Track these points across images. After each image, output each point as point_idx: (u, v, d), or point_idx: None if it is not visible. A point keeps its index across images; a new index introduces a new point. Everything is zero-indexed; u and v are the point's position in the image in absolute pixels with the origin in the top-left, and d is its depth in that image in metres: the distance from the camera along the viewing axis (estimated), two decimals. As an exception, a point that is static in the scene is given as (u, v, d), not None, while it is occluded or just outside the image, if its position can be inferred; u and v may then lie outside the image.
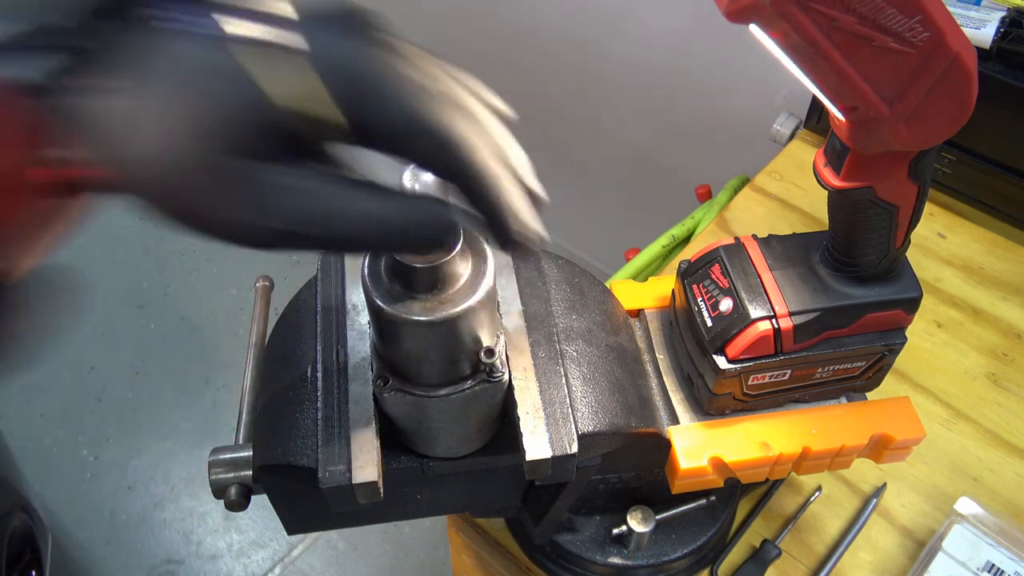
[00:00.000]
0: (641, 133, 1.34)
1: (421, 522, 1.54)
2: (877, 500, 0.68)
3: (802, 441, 0.54)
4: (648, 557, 0.61)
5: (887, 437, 0.54)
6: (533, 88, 1.45)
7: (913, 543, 0.67)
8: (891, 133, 0.40)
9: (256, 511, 1.56)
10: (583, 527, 0.62)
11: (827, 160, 0.47)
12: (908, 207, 0.47)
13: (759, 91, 1.10)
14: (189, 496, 1.61)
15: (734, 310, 0.51)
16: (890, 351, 0.53)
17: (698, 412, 0.55)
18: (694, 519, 0.63)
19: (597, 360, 0.51)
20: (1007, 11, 0.78)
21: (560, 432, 0.45)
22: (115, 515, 1.58)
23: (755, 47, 0.42)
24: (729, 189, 1.05)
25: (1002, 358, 0.78)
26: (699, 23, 1.12)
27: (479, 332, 0.42)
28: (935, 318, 0.81)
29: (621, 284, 0.61)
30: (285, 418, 0.47)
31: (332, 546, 1.55)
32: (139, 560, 1.53)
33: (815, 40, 0.35)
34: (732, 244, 0.54)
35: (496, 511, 0.61)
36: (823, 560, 0.65)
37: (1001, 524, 0.63)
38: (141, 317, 1.85)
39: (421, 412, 0.44)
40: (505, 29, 1.41)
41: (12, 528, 1.15)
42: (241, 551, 1.54)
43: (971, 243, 0.87)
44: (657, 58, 1.21)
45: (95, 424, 1.69)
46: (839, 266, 0.51)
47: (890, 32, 0.35)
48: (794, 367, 0.52)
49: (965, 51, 0.37)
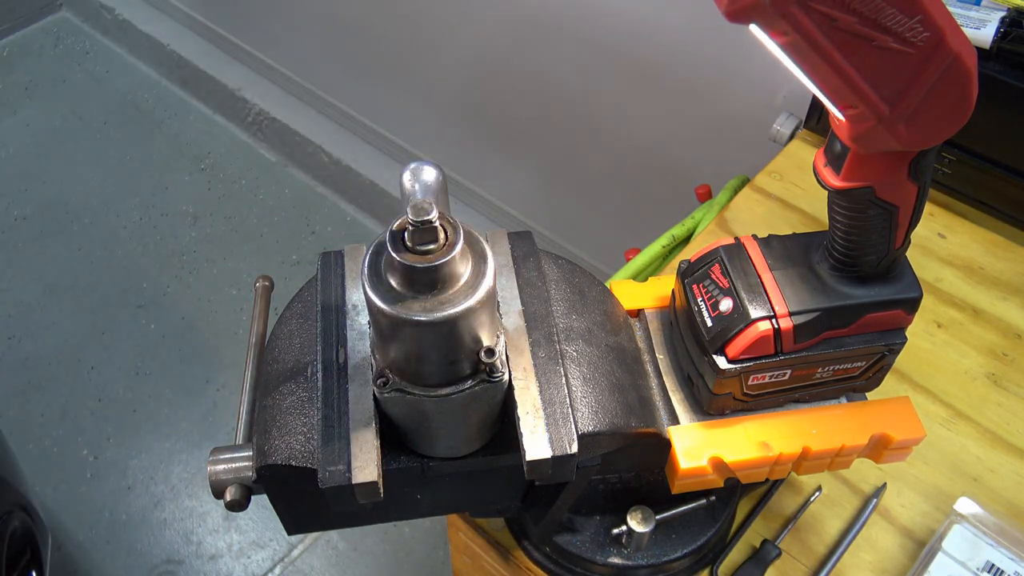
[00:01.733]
0: (641, 133, 1.34)
1: (421, 522, 1.53)
2: (877, 500, 0.68)
3: (802, 441, 0.54)
4: (648, 557, 0.61)
5: (887, 437, 0.54)
6: (533, 87, 1.45)
7: (913, 543, 0.67)
8: (891, 133, 0.40)
9: (256, 511, 1.56)
10: (583, 527, 0.62)
11: (827, 160, 0.47)
12: (908, 207, 0.47)
13: (759, 91, 1.10)
14: (189, 496, 1.60)
15: (734, 310, 0.51)
16: (890, 351, 0.53)
17: (698, 412, 0.55)
18: (694, 519, 0.63)
19: (597, 360, 0.51)
20: (1007, 11, 0.78)
21: (560, 432, 0.45)
22: (115, 515, 1.58)
23: (755, 47, 0.43)
24: (729, 189, 1.05)
25: (1002, 358, 0.78)
26: (699, 23, 1.12)
27: (479, 332, 0.42)
28: (935, 318, 0.81)
29: (621, 284, 0.61)
30: (285, 418, 0.47)
31: (332, 546, 1.55)
32: (139, 560, 1.53)
33: (815, 40, 0.35)
34: (732, 244, 0.54)
35: (496, 511, 0.61)
36: (823, 560, 0.65)
37: (1001, 524, 0.63)
38: (141, 317, 1.85)
39: (421, 412, 0.44)
40: (505, 29, 1.41)
41: (12, 528, 1.15)
42: (241, 551, 1.54)
43: (971, 243, 0.87)
44: (657, 58, 1.21)
45: (95, 424, 1.69)
46: (839, 266, 0.51)
47: (890, 32, 0.35)
48: (794, 367, 0.52)
49: (965, 51, 0.37)
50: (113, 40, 2.50)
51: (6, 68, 2.42)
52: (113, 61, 2.46)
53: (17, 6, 2.52)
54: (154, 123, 2.28)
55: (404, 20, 1.61)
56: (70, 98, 2.33)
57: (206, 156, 2.19)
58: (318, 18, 1.84)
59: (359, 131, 2.03)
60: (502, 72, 1.49)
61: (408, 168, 0.49)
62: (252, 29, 2.14)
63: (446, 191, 0.50)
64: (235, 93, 2.18)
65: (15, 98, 2.33)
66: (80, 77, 2.40)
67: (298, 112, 2.11)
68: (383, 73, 1.80)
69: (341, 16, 1.77)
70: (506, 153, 1.66)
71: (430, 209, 0.39)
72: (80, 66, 2.43)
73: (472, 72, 1.56)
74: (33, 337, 1.80)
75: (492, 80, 1.53)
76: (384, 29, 1.68)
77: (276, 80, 2.17)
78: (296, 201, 2.09)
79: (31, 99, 2.33)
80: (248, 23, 2.13)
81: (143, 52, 2.42)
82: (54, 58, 2.46)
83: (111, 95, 2.35)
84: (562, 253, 0.56)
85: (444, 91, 1.67)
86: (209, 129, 2.26)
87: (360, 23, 1.73)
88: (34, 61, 2.45)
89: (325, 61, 1.95)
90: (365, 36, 1.75)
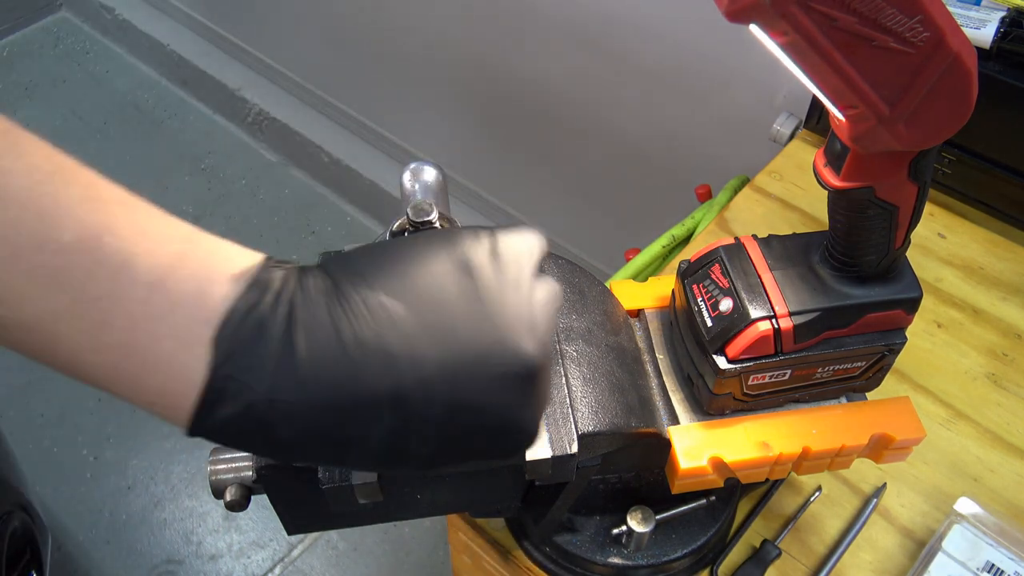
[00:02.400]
0: (641, 133, 1.34)
1: (421, 522, 1.53)
2: (877, 500, 0.68)
3: (802, 441, 0.54)
4: (648, 557, 0.61)
5: (887, 437, 0.54)
6: (532, 87, 1.45)
7: (913, 543, 0.67)
8: (891, 133, 0.40)
9: (256, 511, 1.56)
10: (583, 527, 0.62)
11: (827, 160, 0.47)
12: (908, 207, 0.47)
13: (759, 91, 1.10)
14: (189, 496, 1.60)
15: (734, 310, 0.51)
16: (890, 351, 0.53)
17: (698, 412, 0.55)
18: (694, 519, 0.63)
19: (597, 360, 0.51)
20: (1007, 11, 0.78)
21: (560, 432, 0.45)
22: (115, 515, 1.58)
23: (755, 47, 0.43)
24: (729, 189, 1.05)
25: (1002, 358, 0.78)
26: (699, 23, 1.12)
27: (479, 332, 0.42)
28: (935, 318, 0.81)
29: (621, 284, 0.61)
30: (285, 418, 0.47)
31: (332, 546, 1.55)
32: (139, 560, 1.53)
33: (815, 40, 0.35)
34: (732, 244, 0.54)
35: (496, 511, 0.61)
36: (823, 560, 0.65)
37: (1001, 524, 0.63)
38: (141, 317, 1.85)
39: (421, 412, 0.44)
40: (505, 29, 1.41)
41: (12, 528, 1.15)
42: (241, 551, 1.54)
43: (971, 243, 0.87)
44: (657, 57, 1.21)
45: (95, 424, 1.69)
46: (839, 266, 0.51)
47: (890, 32, 0.35)
48: (794, 367, 0.52)
49: (965, 51, 0.37)
50: (113, 40, 2.50)
51: (6, 68, 2.42)
52: (113, 61, 2.46)
53: (17, 6, 2.52)
54: (154, 123, 2.28)
55: (404, 20, 1.61)
56: (70, 98, 2.33)
57: (206, 156, 2.19)
58: (318, 18, 1.84)
59: (359, 131, 2.03)
60: (502, 73, 1.49)
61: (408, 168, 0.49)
62: (252, 29, 2.14)
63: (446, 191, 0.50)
64: (235, 93, 2.18)
65: (15, 98, 2.33)
66: (80, 77, 2.40)
67: (298, 112, 2.11)
68: (383, 73, 1.80)
69: (341, 16, 1.77)
70: (506, 153, 1.66)
71: (430, 209, 0.39)
72: (80, 66, 2.43)
73: (472, 73, 1.56)
74: (33, 337, 1.80)
75: (492, 81, 1.53)
76: (384, 29, 1.68)
77: (276, 80, 2.17)
78: (296, 201, 2.09)
79: (31, 99, 2.33)
80: (248, 23, 2.13)
81: (143, 52, 2.42)
82: (54, 58, 2.46)
83: (111, 95, 2.35)
84: (562, 253, 0.56)
85: (444, 91, 1.67)
86: (209, 129, 2.26)
87: (360, 23, 1.73)
88: (34, 61, 2.45)
89: (325, 61, 1.95)
90: (365, 36, 1.75)
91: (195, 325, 0.30)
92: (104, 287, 0.29)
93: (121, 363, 0.30)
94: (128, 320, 0.29)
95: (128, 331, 0.29)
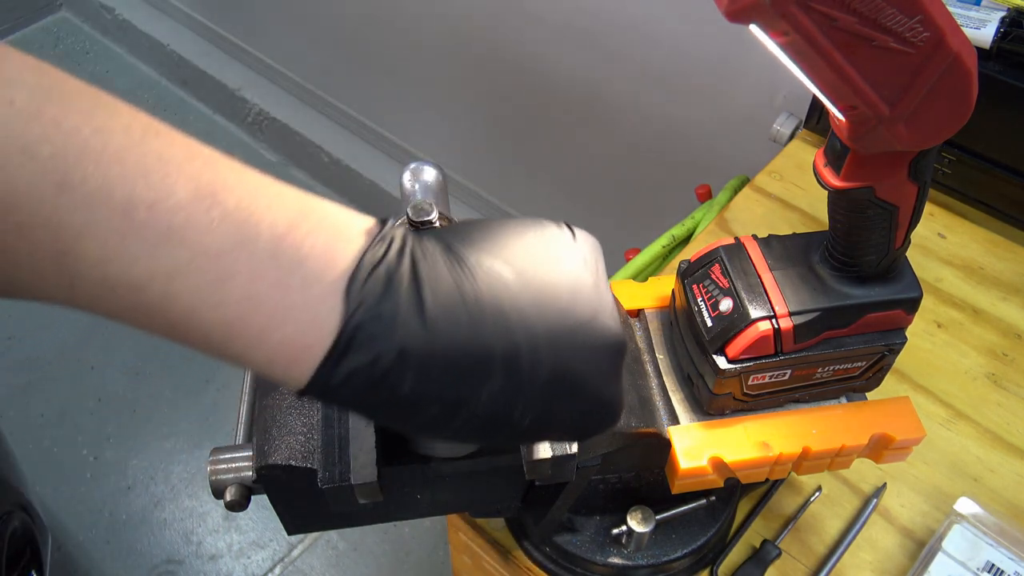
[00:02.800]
0: (641, 133, 1.34)
1: (421, 522, 1.53)
2: (877, 500, 0.68)
3: (802, 441, 0.54)
4: (648, 557, 0.61)
5: (887, 437, 0.54)
6: (532, 87, 1.45)
7: (913, 543, 0.67)
8: (891, 133, 0.40)
9: (256, 511, 1.56)
10: (583, 527, 0.62)
11: (827, 160, 0.47)
12: (908, 207, 0.47)
13: (759, 91, 1.10)
14: (189, 496, 1.60)
15: (734, 310, 0.51)
16: (890, 351, 0.53)
17: (698, 412, 0.55)
18: (694, 519, 0.63)
19: (597, 360, 0.51)
20: (1007, 11, 0.78)
21: (560, 432, 0.45)
22: (115, 515, 1.58)
23: (755, 47, 0.43)
24: (729, 189, 1.05)
25: (1002, 358, 0.78)
26: (699, 23, 1.12)
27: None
28: (935, 318, 0.81)
29: (621, 284, 0.61)
30: (285, 418, 0.47)
31: (332, 546, 1.55)
32: (139, 560, 1.53)
33: (815, 40, 0.35)
34: (732, 244, 0.54)
35: (496, 511, 0.61)
36: (823, 560, 0.65)
37: (1001, 524, 0.63)
38: (141, 317, 1.85)
39: (421, 412, 0.44)
40: (505, 29, 1.41)
41: (12, 528, 1.15)
42: (241, 551, 1.54)
43: (971, 243, 0.87)
44: (657, 58, 1.21)
45: (95, 424, 1.69)
46: (839, 266, 0.51)
47: (890, 32, 0.35)
48: (794, 367, 0.52)
49: (965, 51, 0.37)
50: (113, 40, 2.50)
51: (6, 68, 2.42)
52: (113, 61, 2.46)
53: (17, 6, 2.52)
54: (154, 123, 2.27)
55: (404, 20, 1.61)
56: (70, 98, 2.33)
57: (206, 156, 2.19)
58: (318, 18, 1.84)
59: (359, 131, 2.03)
60: (502, 73, 1.49)
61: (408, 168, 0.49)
62: (252, 29, 2.14)
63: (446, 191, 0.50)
64: (235, 93, 2.18)
65: (15, 98, 2.32)
66: (80, 77, 2.39)
67: (298, 112, 2.11)
68: (383, 73, 1.80)
69: (341, 16, 1.77)
70: (506, 153, 1.66)
71: (430, 209, 0.39)
72: (80, 66, 2.43)
73: (472, 73, 1.56)
74: (33, 337, 1.80)
75: (492, 81, 1.53)
76: (384, 29, 1.68)
77: (276, 80, 2.17)
78: (296, 201, 2.08)
79: (31, 99, 2.33)
80: (248, 23, 2.13)
81: (143, 52, 2.42)
82: (54, 58, 2.46)
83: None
84: (562, 253, 0.55)
85: (444, 91, 1.67)
86: (209, 129, 2.26)
87: (360, 23, 1.73)
88: (34, 61, 2.45)
89: (325, 61, 1.95)
90: (365, 36, 1.75)
91: (328, 275, 0.29)
92: (227, 241, 0.28)
93: (246, 317, 0.29)
94: (254, 274, 0.29)
95: (254, 284, 0.29)
